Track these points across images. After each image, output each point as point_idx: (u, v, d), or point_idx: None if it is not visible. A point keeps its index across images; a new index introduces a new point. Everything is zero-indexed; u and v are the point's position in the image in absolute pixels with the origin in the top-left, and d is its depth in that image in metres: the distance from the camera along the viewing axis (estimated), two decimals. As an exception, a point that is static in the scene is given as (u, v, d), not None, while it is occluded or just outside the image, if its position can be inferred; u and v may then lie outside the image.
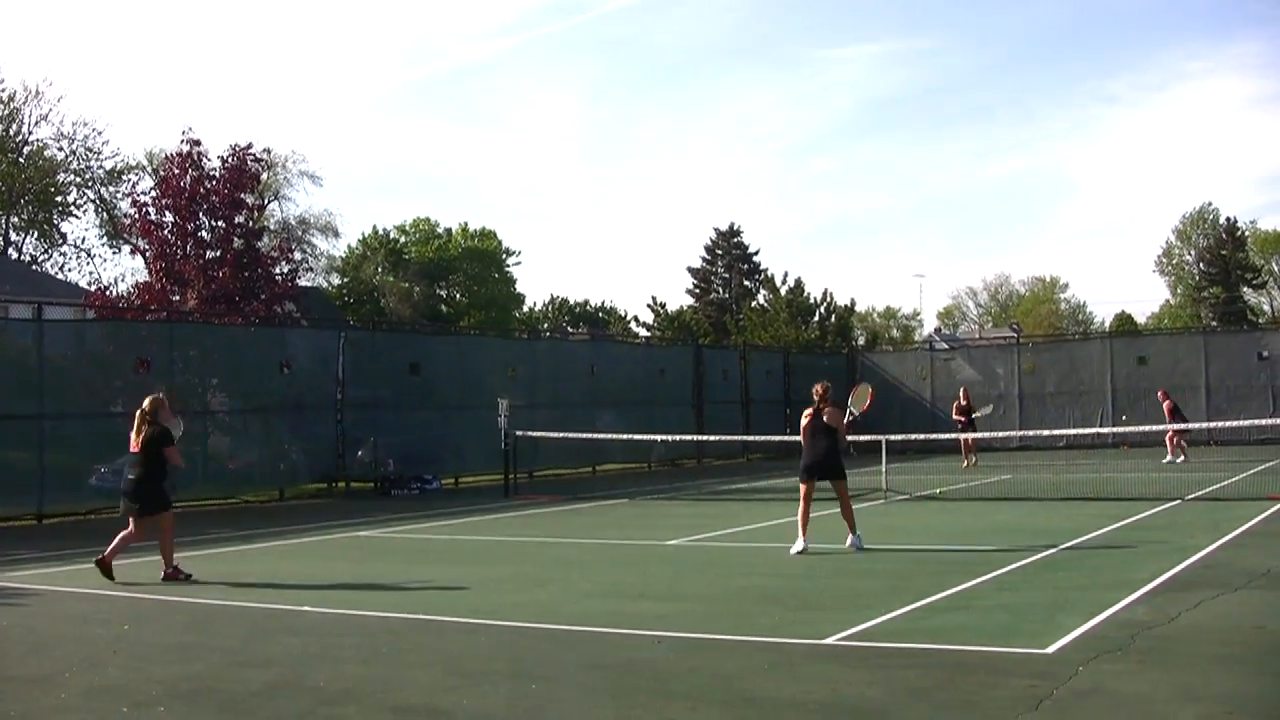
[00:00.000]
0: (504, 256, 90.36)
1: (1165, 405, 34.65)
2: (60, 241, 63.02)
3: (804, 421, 16.90)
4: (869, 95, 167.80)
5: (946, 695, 8.37)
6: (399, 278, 79.95)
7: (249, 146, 39.81)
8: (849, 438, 18.82)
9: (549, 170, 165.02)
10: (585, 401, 39.31)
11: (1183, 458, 33.60)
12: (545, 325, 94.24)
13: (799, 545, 16.12)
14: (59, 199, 61.55)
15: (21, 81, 66.86)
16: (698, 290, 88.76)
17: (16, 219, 61.62)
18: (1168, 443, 34.30)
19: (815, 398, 16.89)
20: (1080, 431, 37.43)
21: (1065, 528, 18.19)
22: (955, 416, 36.80)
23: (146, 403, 15.75)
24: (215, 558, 18.36)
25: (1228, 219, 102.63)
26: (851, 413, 18.80)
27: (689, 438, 37.97)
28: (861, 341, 79.48)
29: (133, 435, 15.55)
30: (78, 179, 61.84)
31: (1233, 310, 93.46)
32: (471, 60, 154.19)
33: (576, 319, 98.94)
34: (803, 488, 16.65)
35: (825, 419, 16.67)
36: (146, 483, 15.36)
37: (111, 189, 62.43)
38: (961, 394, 37.25)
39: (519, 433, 30.21)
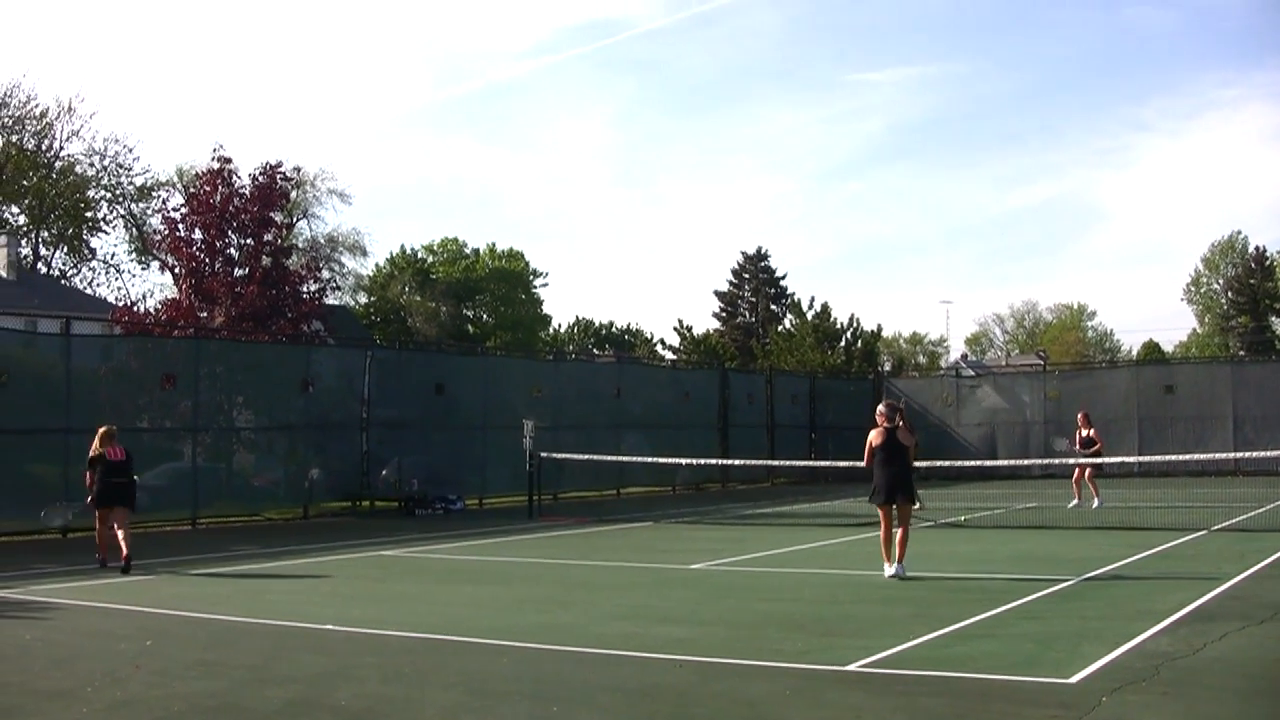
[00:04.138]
0: (531, 277, 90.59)
1: (1085, 433, 29.75)
2: (89, 257, 63.35)
3: (874, 440, 16.52)
4: (899, 119, 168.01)
5: (969, 724, 8.34)
6: (426, 297, 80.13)
7: (279, 165, 40.00)
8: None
9: (577, 191, 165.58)
10: (610, 424, 39.28)
11: (1096, 502, 28.44)
12: (571, 347, 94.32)
13: (891, 570, 16.00)
14: (89, 214, 61.85)
15: (55, 97, 67.35)
16: (724, 314, 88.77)
17: (47, 234, 61.96)
18: (1089, 482, 29.18)
19: (889, 411, 16.64)
20: (1106, 460, 37.21)
21: (1090, 557, 18.12)
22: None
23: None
24: (238, 574, 18.42)
25: (1257, 248, 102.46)
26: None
27: (714, 461, 37.94)
28: (887, 367, 79.36)
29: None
30: (108, 195, 62.15)
31: (1261, 340, 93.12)
32: (502, 80, 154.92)
33: (602, 341, 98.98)
34: (881, 512, 16.48)
35: (900, 438, 16.45)
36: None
37: (141, 205, 62.75)
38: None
39: (543, 454, 30.22)
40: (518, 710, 8.92)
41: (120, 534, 18.83)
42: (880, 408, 16.84)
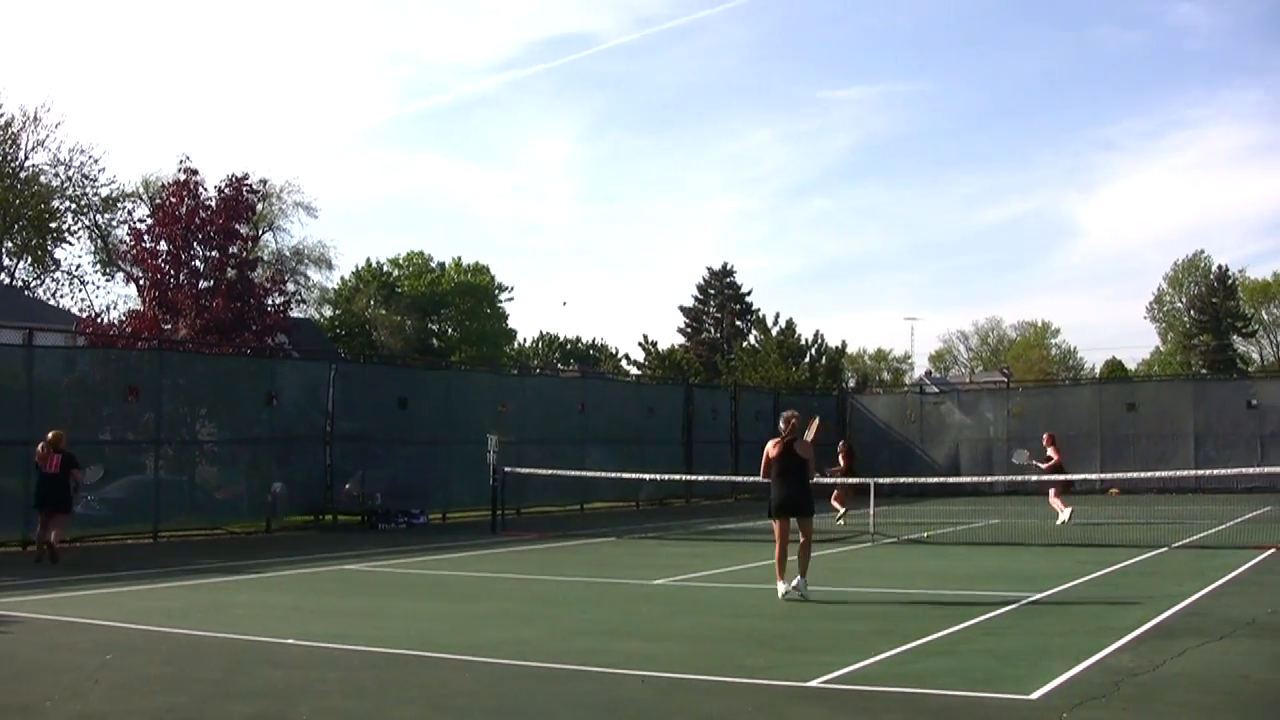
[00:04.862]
0: (496, 292, 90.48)
1: (1048, 452, 30.40)
2: (54, 267, 62.98)
3: (770, 452, 15.97)
4: (866, 137, 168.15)
5: (930, 740, 8.36)
6: (391, 311, 79.98)
7: (245, 177, 39.91)
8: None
9: (544, 206, 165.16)
10: (574, 439, 39.27)
11: (1065, 516, 28.68)
12: (536, 361, 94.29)
13: (783, 588, 15.52)
14: (53, 225, 61.51)
15: (20, 107, 66.62)
16: (689, 330, 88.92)
17: (10, 244, 61.56)
18: (1053, 499, 29.70)
19: (785, 426, 15.96)
20: (1068, 477, 37.32)
21: (1051, 573, 18.18)
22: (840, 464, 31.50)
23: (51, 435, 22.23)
24: (200, 588, 18.36)
25: (1219, 267, 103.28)
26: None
27: (678, 477, 37.96)
28: (852, 384, 79.54)
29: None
30: (73, 206, 61.85)
31: (1223, 358, 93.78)
32: (470, 94, 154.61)
33: (567, 356, 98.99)
34: (776, 526, 15.89)
35: (798, 450, 15.88)
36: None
37: (106, 216, 62.46)
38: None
39: (507, 469, 30.21)
40: (480, 725, 8.91)
41: (51, 535, 21.88)
42: (781, 421, 16.25)
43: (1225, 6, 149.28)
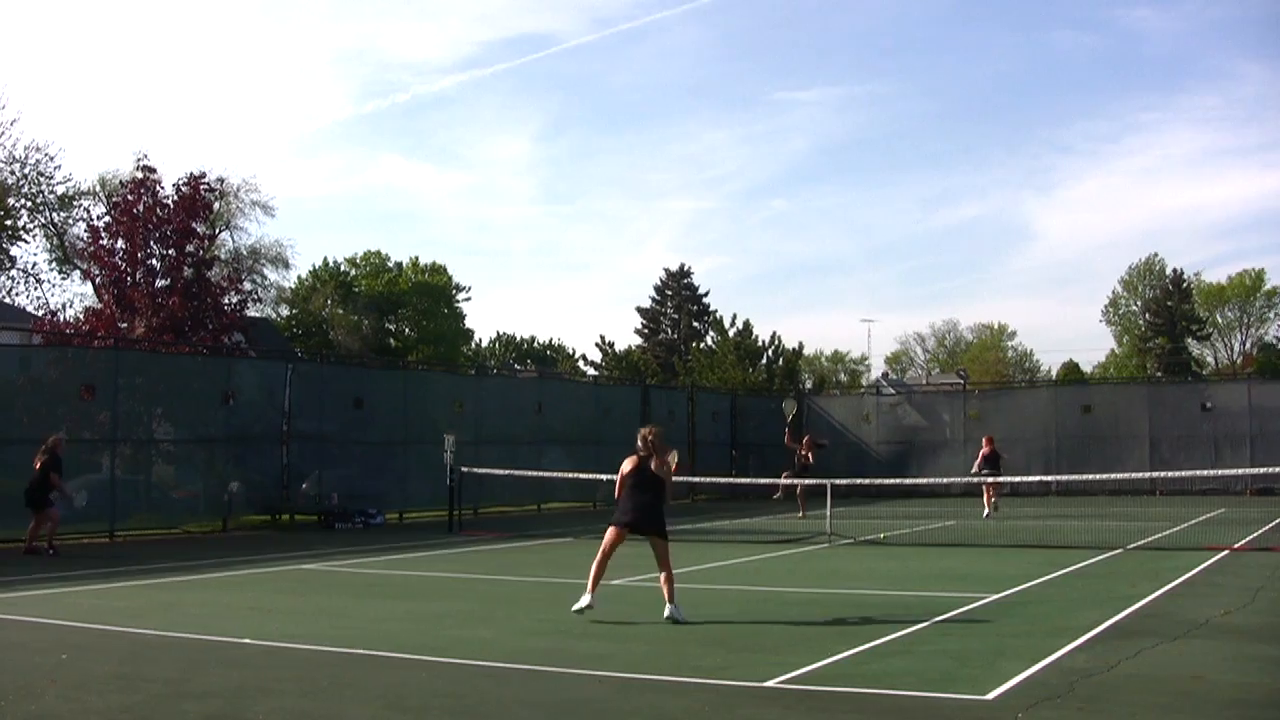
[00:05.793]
0: (454, 292, 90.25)
1: (984, 451, 32.61)
2: (8, 265, 62.50)
3: (625, 469, 14.98)
4: (824, 139, 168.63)
5: (886, 740, 8.38)
6: (348, 310, 79.70)
7: (202, 175, 39.71)
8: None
9: (502, 206, 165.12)
10: (531, 439, 39.25)
11: (987, 511, 31.55)
12: (493, 362, 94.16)
13: (585, 601, 14.46)
14: (8, 223, 61.04)
15: (-26, 104, 66.23)
16: (646, 330, 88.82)
17: (-37, 242, 61.07)
18: (986, 494, 32.16)
19: (641, 444, 15.07)
20: (1024, 479, 37.55)
21: (1007, 574, 18.26)
22: (802, 452, 34.04)
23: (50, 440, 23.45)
24: (156, 588, 18.27)
25: (1174, 270, 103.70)
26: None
27: (635, 477, 37.93)
28: (809, 385, 79.69)
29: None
30: (28, 203, 61.39)
31: (1177, 361, 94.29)
32: (429, 94, 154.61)
33: (524, 356, 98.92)
34: (610, 534, 14.79)
35: (653, 468, 15.01)
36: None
37: (63, 214, 62.04)
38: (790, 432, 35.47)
39: (464, 469, 30.14)
40: (437, 725, 8.89)
41: (35, 531, 23.48)
42: (638, 438, 15.28)
43: (1181, 11, 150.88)
